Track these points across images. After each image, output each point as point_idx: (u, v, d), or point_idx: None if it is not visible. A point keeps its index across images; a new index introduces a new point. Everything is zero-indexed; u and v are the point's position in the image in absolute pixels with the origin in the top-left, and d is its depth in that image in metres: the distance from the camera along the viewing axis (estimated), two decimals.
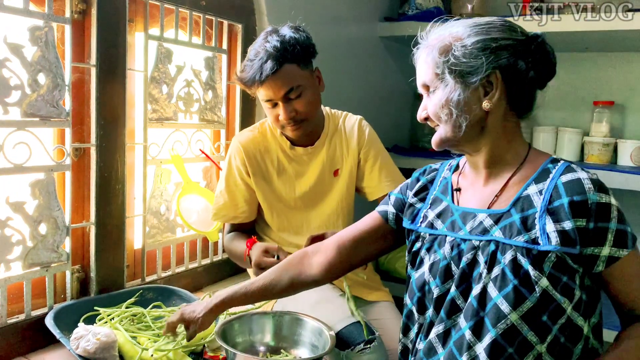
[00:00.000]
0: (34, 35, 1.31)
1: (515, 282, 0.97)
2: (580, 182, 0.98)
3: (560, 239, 0.96)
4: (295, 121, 1.48)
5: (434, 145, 1.12)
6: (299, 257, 1.29)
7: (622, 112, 2.50)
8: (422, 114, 1.13)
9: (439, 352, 1.06)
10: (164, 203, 1.73)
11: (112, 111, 1.50)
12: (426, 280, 1.10)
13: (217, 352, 1.35)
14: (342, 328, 1.35)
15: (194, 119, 1.80)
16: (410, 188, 1.24)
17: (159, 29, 1.64)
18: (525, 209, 1.02)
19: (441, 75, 1.05)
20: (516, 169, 1.08)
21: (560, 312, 0.97)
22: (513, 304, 0.96)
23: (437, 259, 1.10)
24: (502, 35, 1.03)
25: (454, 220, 1.10)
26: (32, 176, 1.36)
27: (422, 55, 1.10)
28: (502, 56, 1.02)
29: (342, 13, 2.33)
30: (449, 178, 1.19)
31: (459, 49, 1.03)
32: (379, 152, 1.63)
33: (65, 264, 1.44)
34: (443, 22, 1.11)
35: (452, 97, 1.04)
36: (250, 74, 1.42)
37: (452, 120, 1.06)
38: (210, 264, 1.93)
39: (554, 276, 0.97)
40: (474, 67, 1.02)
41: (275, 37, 1.43)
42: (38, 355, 1.35)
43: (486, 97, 1.04)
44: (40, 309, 1.41)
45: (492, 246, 1.02)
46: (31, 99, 1.32)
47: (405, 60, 3.13)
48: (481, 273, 1.02)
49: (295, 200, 1.61)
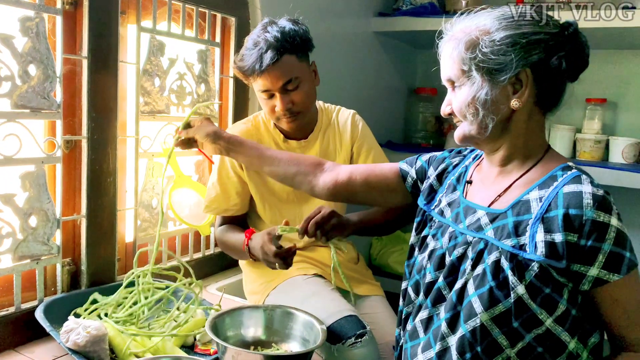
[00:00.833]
0: (25, 25, 1.30)
1: (492, 284, 0.96)
2: (580, 196, 0.93)
3: (547, 250, 0.94)
4: (291, 113, 1.48)
5: (457, 140, 1.08)
6: (315, 162, 1.35)
7: (614, 109, 2.51)
8: (446, 109, 1.08)
9: (420, 337, 1.08)
10: (156, 196, 1.72)
11: (103, 103, 1.49)
12: (423, 265, 1.12)
13: (208, 346, 1.35)
14: (334, 322, 1.35)
15: (187, 112, 1.80)
16: (435, 165, 1.24)
17: (151, 21, 1.63)
18: (521, 213, 0.99)
19: (468, 72, 1.00)
20: (526, 171, 1.04)
21: (536, 322, 0.95)
22: (486, 305, 0.96)
23: (437, 247, 1.11)
24: (533, 30, 0.98)
25: (458, 212, 1.11)
26: (23, 168, 1.35)
27: (446, 49, 1.04)
28: (533, 52, 0.97)
29: (336, 7, 2.33)
30: (469, 167, 1.18)
31: (487, 45, 0.97)
32: (372, 147, 1.63)
33: (55, 256, 1.43)
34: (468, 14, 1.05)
35: (479, 96, 0.99)
36: (250, 63, 1.42)
37: (478, 119, 1.01)
38: (202, 258, 1.92)
39: (534, 286, 0.95)
40: (503, 64, 0.97)
41: (275, 28, 1.43)
42: (28, 349, 1.34)
43: (515, 95, 1.00)
44: (30, 302, 1.40)
45: (481, 244, 1.01)
46: (22, 91, 1.31)
47: (399, 56, 3.15)
48: (466, 269, 1.02)
49: (288, 193, 1.61)
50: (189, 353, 1.33)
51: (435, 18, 2.42)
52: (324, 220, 1.33)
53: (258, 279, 1.60)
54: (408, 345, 1.11)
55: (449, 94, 1.07)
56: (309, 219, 1.34)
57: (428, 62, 3.02)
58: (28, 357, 1.31)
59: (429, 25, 2.42)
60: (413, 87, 3.01)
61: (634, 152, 2.27)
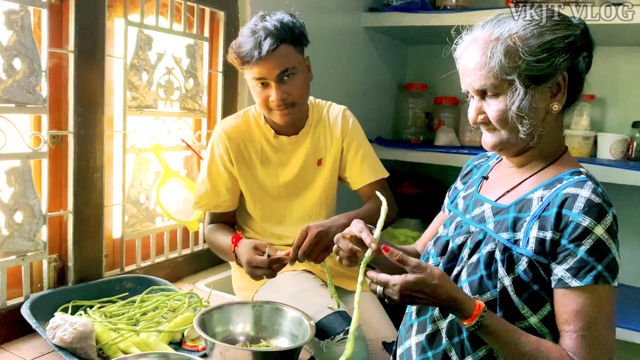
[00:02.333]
0: (10, 19, 1.28)
1: (483, 273, 1.00)
2: (574, 198, 0.95)
3: (537, 246, 0.96)
4: (285, 104, 1.46)
5: (489, 148, 1.07)
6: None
7: (602, 105, 2.53)
8: (479, 118, 1.05)
9: (413, 319, 1.13)
10: (144, 192, 1.71)
11: (90, 98, 1.47)
12: (428, 250, 1.18)
13: (197, 342, 1.35)
14: (322, 318, 1.35)
15: (175, 107, 1.78)
16: (460, 175, 1.29)
17: (139, 14, 1.61)
18: (522, 210, 1.02)
19: (509, 80, 0.98)
20: (538, 171, 1.06)
21: (518, 316, 0.98)
22: (475, 291, 1.00)
23: (444, 234, 1.16)
24: (566, 33, 0.98)
25: (468, 204, 1.15)
26: (8, 163, 1.33)
27: (472, 57, 1.01)
28: (567, 56, 0.98)
29: (326, 3, 2.32)
30: (490, 164, 1.21)
31: (526, 52, 0.96)
32: (362, 143, 1.62)
33: (42, 252, 1.41)
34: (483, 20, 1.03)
35: (523, 104, 0.98)
36: (248, 49, 1.40)
37: (522, 127, 1.00)
38: (191, 254, 1.91)
39: (522, 282, 0.97)
40: (545, 71, 0.97)
41: (273, 18, 1.43)
42: (14, 345, 1.33)
43: (554, 99, 1.00)
44: (16, 298, 1.39)
45: (480, 235, 1.06)
46: (6, 85, 1.29)
47: (389, 51, 3.14)
48: (463, 257, 1.06)
49: (278, 190, 1.60)
50: (177, 349, 1.32)
51: (425, 14, 2.42)
52: (311, 246, 1.33)
53: (247, 275, 1.59)
54: (402, 328, 1.17)
55: (477, 102, 1.04)
56: (297, 248, 1.33)
57: (418, 58, 3.02)
58: (14, 354, 1.29)
59: (419, 20, 2.42)
60: (403, 82, 3.00)
61: (621, 149, 2.28)
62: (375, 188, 1.60)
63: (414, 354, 1.09)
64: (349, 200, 1.34)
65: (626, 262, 2.48)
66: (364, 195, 1.63)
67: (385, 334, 1.47)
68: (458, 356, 1.02)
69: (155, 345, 1.27)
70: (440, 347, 1.05)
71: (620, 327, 1.98)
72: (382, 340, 1.45)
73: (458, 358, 1.02)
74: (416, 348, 1.09)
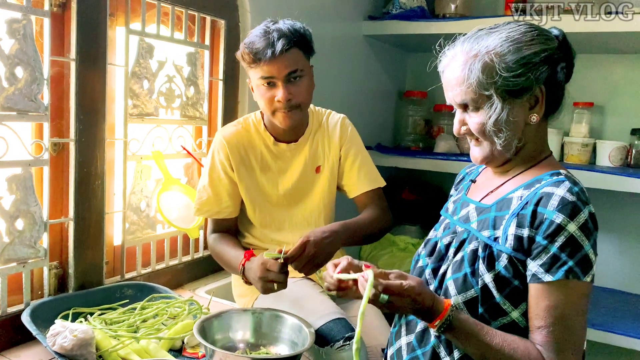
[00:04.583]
0: (12, 27, 1.29)
1: (467, 271, 1.04)
2: (549, 196, 0.98)
3: (514, 243, 1.00)
4: (290, 105, 1.47)
5: (477, 162, 1.12)
6: None
7: (601, 113, 2.54)
8: (462, 130, 1.10)
9: (409, 317, 1.15)
10: (144, 199, 1.71)
11: (91, 106, 1.48)
12: (418, 252, 1.21)
13: (196, 349, 1.35)
14: (322, 325, 1.35)
15: (176, 114, 1.79)
16: (455, 183, 1.33)
17: (140, 23, 1.63)
18: (502, 209, 1.06)
19: (487, 95, 1.02)
20: (520, 172, 1.10)
21: (500, 312, 1.01)
22: (459, 289, 1.03)
23: (433, 236, 1.21)
24: (542, 47, 1.01)
25: (457, 207, 1.19)
26: (9, 171, 1.34)
27: (453, 72, 1.05)
28: (544, 69, 1.01)
29: (327, 11, 2.33)
30: (479, 170, 1.25)
31: (503, 68, 1.00)
32: (359, 151, 1.63)
33: (42, 260, 1.42)
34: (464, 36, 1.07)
35: (501, 117, 1.02)
36: (262, 47, 1.42)
37: (500, 140, 1.04)
38: (191, 261, 1.92)
39: (503, 278, 1.00)
40: (522, 85, 1.00)
41: (285, 22, 1.46)
42: (14, 352, 1.33)
43: (532, 111, 1.04)
44: (16, 305, 1.39)
45: (465, 234, 1.09)
46: (8, 93, 1.30)
47: (389, 59, 3.16)
48: (449, 255, 1.10)
49: (278, 197, 1.61)
50: (177, 356, 1.32)
51: (425, 22, 2.44)
52: (307, 260, 1.33)
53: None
54: (393, 330, 1.20)
55: (461, 114, 1.09)
56: (293, 257, 1.32)
57: (418, 66, 3.03)
58: None
59: (419, 29, 2.44)
60: (403, 90, 3.02)
61: (620, 156, 2.29)
62: (372, 197, 1.61)
63: (404, 354, 1.13)
64: (349, 207, 1.35)
65: (627, 269, 2.49)
66: (361, 203, 1.64)
67: (384, 341, 1.47)
68: (446, 351, 1.05)
69: (156, 352, 1.28)
70: (429, 345, 1.08)
71: (617, 333, 1.99)
72: (382, 347, 1.45)
73: (446, 353, 1.05)
74: (406, 348, 1.13)
